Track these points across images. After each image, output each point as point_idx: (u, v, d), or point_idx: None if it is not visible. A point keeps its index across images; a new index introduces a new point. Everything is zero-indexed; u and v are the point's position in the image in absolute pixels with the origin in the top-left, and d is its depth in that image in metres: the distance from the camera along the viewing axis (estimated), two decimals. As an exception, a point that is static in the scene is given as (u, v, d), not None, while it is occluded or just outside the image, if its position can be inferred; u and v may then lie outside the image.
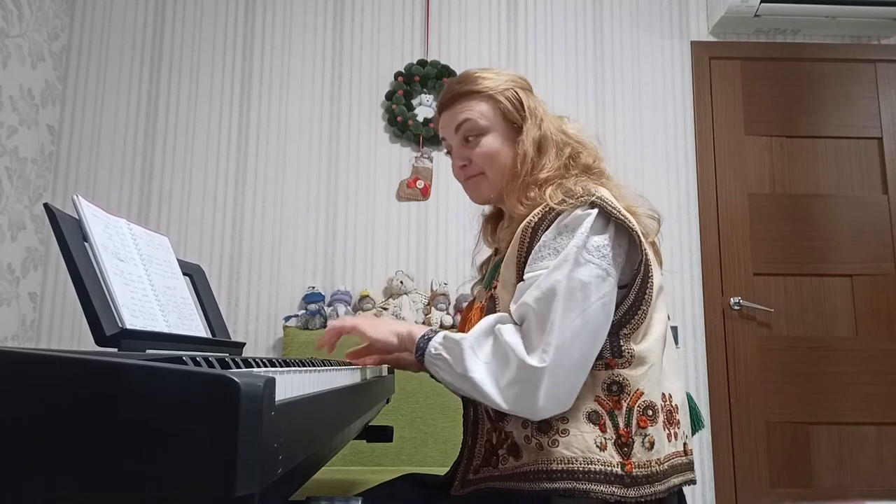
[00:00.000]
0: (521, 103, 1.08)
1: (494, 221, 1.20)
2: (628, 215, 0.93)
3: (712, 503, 2.52)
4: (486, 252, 1.24)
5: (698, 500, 2.51)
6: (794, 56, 2.82)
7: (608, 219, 0.93)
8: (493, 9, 2.83)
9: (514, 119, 1.07)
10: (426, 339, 0.97)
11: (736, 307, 2.63)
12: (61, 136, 2.65)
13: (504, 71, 1.13)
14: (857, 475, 2.53)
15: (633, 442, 0.89)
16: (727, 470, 2.54)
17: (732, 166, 2.74)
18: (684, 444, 0.97)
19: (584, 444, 0.88)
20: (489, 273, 1.11)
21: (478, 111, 1.08)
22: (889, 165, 2.74)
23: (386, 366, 1.34)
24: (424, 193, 2.65)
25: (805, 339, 2.62)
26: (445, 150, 1.16)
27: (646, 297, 0.93)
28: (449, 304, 2.51)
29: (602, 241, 0.91)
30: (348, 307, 2.49)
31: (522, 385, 0.86)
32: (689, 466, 0.98)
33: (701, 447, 2.55)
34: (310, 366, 0.94)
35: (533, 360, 0.86)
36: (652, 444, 0.90)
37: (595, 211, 0.92)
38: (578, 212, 0.92)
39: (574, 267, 0.89)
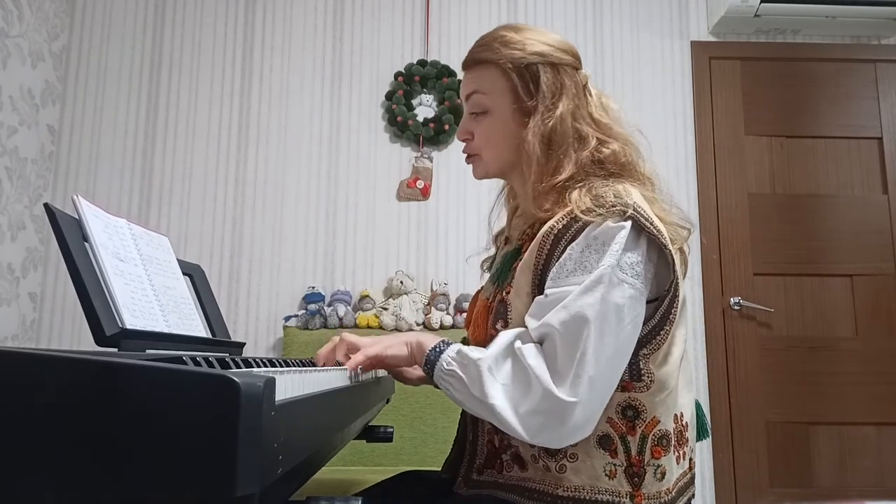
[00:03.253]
0: (537, 84, 0.95)
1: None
2: (662, 228, 0.86)
3: (712, 503, 2.52)
4: (503, 224, 1.13)
5: (698, 500, 2.51)
6: (794, 56, 2.82)
7: (640, 231, 0.84)
8: (492, 9, 2.83)
9: (523, 103, 0.96)
10: (437, 352, 0.88)
11: (736, 307, 2.63)
12: (61, 136, 2.65)
13: (543, 36, 0.99)
14: (857, 475, 2.53)
15: (645, 472, 0.85)
16: (727, 470, 2.54)
17: (732, 166, 2.74)
18: (690, 459, 0.95)
19: (592, 471, 0.85)
20: (499, 267, 1.02)
21: (487, 85, 0.98)
22: (889, 165, 2.74)
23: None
24: (424, 193, 2.65)
25: (805, 339, 2.62)
26: None
27: (671, 316, 0.87)
28: (449, 304, 2.50)
29: (636, 257, 0.84)
30: (348, 307, 2.49)
31: (547, 417, 0.79)
32: (692, 481, 0.96)
33: (701, 448, 2.55)
34: (310, 366, 0.94)
35: (562, 393, 0.78)
36: (663, 475, 0.87)
37: (629, 224, 0.83)
38: (610, 223, 0.83)
39: (609, 288, 0.81)
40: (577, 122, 0.95)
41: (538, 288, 0.89)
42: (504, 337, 0.86)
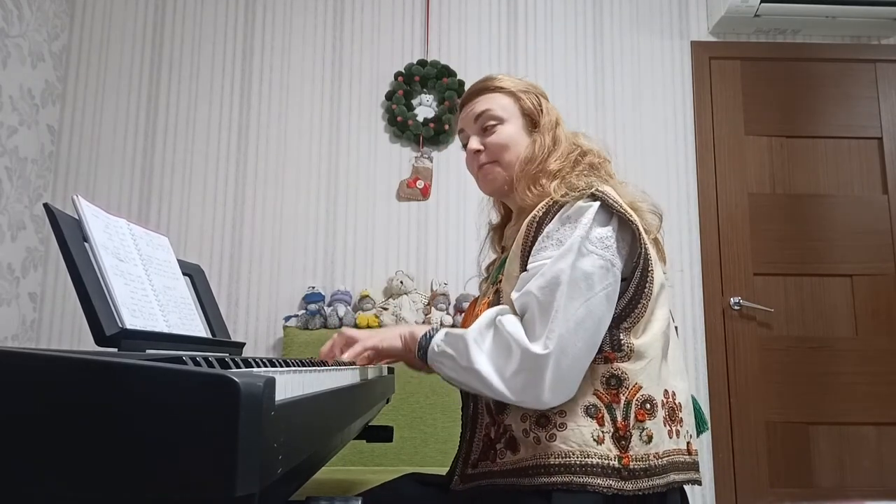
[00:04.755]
0: (541, 104, 1.13)
1: (501, 229, 1.22)
2: (629, 210, 0.95)
3: (712, 503, 2.52)
4: (493, 257, 1.24)
5: (698, 500, 2.51)
6: (794, 56, 2.82)
7: (611, 212, 0.94)
8: (493, 9, 2.83)
9: (532, 114, 1.12)
10: (428, 338, 0.98)
11: (736, 307, 2.63)
12: (61, 136, 2.65)
13: (525, 80, 1.19)
14: (857, 475, 2.53)
15: (631, 435, 0.89)
16: (727, 470, 2.54)
17: (732, 166, 2.74)
18: (688, 442, 0.97)
19: (581, 437, 0.89)
20: (496, 269, 1.12)
21: (498, 104, 1.12)
22: (889, 165, 2.74)
23: (386, 365, 1.34)
24: (424, 193, 2.65)
25: (805, 339, 2.62)
26: (462, 144, 1.18)
27: (646, 290, 0.94)
28: (449, 304, 2.50)
29: (606, 232, 0.93)
30: (348, 307, 2.49)
31: (527, 374, 0.87)
32: (693, 466, 0.97)
33: (701, 447, 2.54)
34: (310, 366, 0.94)
35: (536, 348, 0.87)
36: (650, 438, 0.90)
37: (597, 203, 0.94)
38: (581, 203, 0.94)
39: (577, 257, 0.90)
40: (567, 139, 1.11)
41: (525, 269, 0.97)
42: (487, 313, 0.95)
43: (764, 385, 2.59)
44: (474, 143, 1.13)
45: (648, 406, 0.92)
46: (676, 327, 1.05)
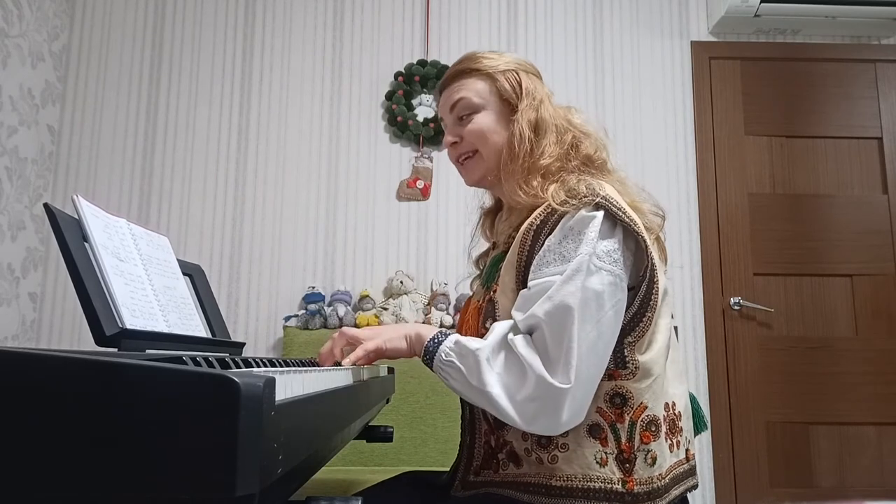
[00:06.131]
0: (520, 84, 1.05)
1: (493, 215, 1.16)
2: (634, 216, 0.90)
3: (712, 503, 2.52)
4: (483, 246, 1.19)
5: (698, 500, 2.51)
6: (794, 56, 2.82)
7: (615, 221, 0.88)
8: (492, 9, 2.83)
9: (510, 98, 1.04)
10: (436, 343, 0.92)
11: (736, 307, 2.63)
12: (61, 136, 2.65)
13: (511, 55, 1.10)
14: (857, 475, 2.53)
15: (636, 458, 0.86)
16: (727, 470, 2.54)
17: (732, 166, 2.74)
18: (686, 449, 0.96)
19: (583, 460, 0.86)
20: (488, 270, 1.05)
21: (473, 89, 1.06)
22: (889, 165, 2.74)
23: (386, 366, 1.34)
24: (424, 193, 2.65)
25: (805, 339, 2.62)
26: (444, 130, 1.12)
27: (651, 302, 0.89)
28: (449, 304, 2.50)
29: (612, 245, 0.87)
30: (348, 307, 2.49)
31: (542, 403, 0.82)
32: (691, 472, 0.96)
33: (701, 447, 2.55)
34: (310, 366, 0.94)
35: (556, 380, 0.81)
36: (654, 460, 0.88)
37: (601, 213, 0.87)
38: (583, 213, 0.88)
39: (587, 276, 0.84)
40: (556, 120, 1.04)
41: (522, 283, 0.92)
42: (498, 329, 0.89)
43: (764, 385, 2.59)
44: (449, 135, 1.08)
45: (654, 427, 0.88)
46: (676, 328, 1.03)
